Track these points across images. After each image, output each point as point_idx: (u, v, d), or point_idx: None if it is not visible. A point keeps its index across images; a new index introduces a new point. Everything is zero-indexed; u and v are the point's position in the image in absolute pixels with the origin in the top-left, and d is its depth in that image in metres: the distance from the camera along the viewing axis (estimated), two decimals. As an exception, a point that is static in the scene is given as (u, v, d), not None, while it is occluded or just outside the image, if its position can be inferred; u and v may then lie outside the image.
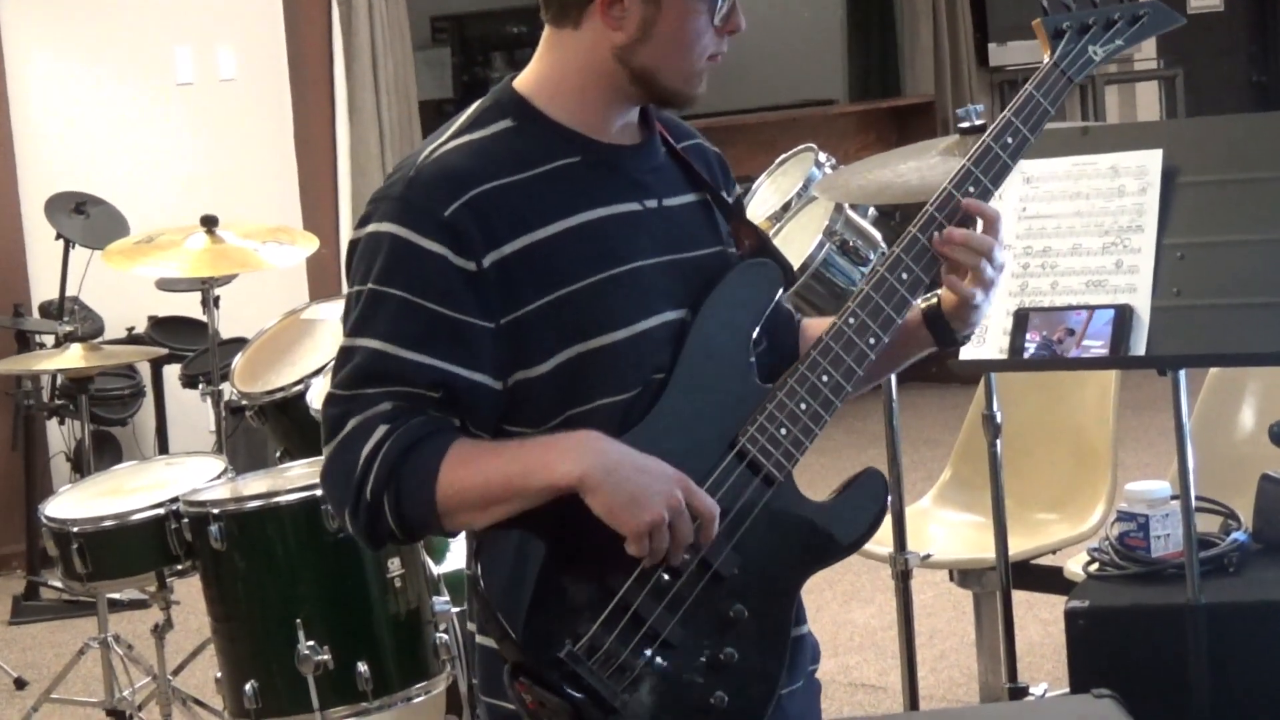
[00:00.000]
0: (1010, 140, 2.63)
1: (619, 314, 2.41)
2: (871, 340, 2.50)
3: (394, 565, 4.48)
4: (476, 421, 2.41)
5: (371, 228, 2.40)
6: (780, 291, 2.58)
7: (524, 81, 2.49)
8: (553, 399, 2.41)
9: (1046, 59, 2.72)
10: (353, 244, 2.44)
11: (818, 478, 2.73)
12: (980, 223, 2.57)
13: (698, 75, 2.47)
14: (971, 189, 2.58)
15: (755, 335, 2.54)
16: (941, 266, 2.56)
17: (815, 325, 2.74)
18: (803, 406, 2.46)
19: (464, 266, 2.35)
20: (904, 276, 2.54)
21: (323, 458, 2.41)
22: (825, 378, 2.47)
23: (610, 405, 2.41)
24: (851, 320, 2.50)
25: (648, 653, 2.36)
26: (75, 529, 5.01)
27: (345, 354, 2.40)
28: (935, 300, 2.62)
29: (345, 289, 2.47)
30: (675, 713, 2.37)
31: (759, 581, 2.43)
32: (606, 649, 2.34)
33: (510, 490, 2.34)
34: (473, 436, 2.41)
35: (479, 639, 2.52)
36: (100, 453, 7.58)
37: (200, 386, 6.64)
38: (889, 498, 2.56)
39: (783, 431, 2.45)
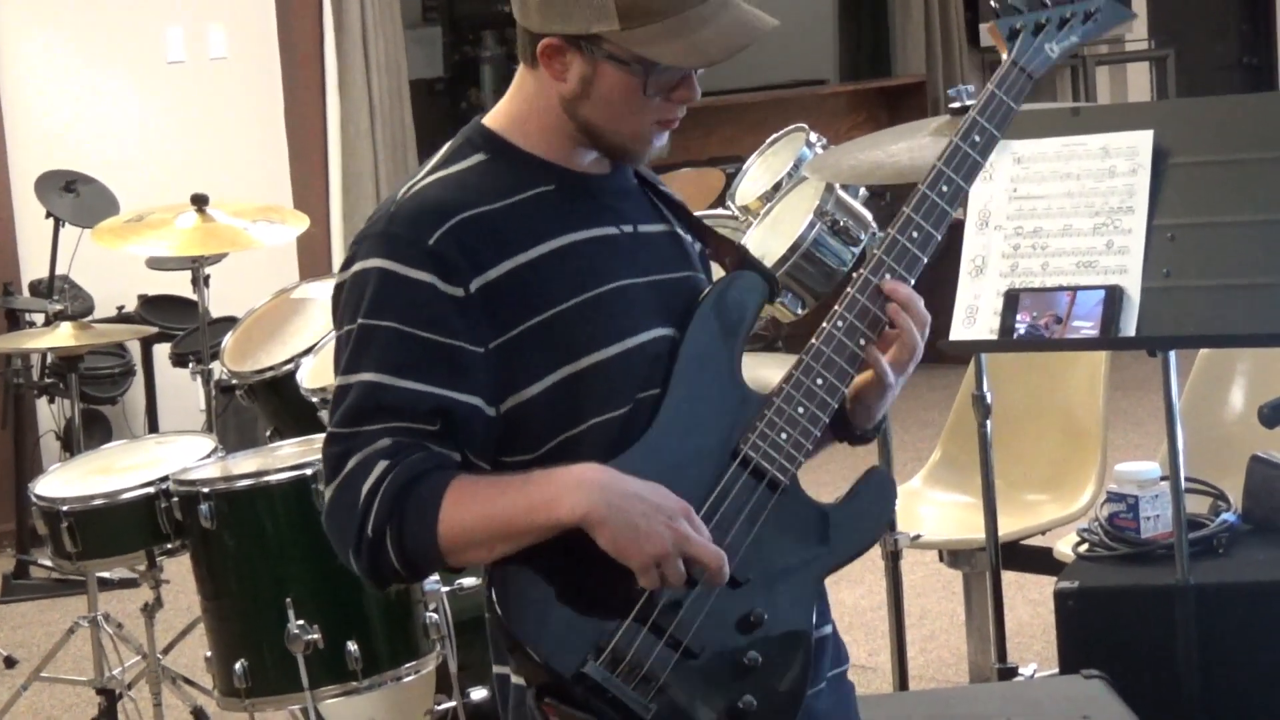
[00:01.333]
0: (978, 139, 2.64)
1: (606, 332, 2.40)
2: (861, 341, 2.50)
3: (384, 544, 4.47)
4: (475, 450, 2.40)
5: (357, 267, 2.38)
6: (765, 298, 2.58)
7: (494, 119, 2.49)
8: (545, 422, 2.40)
9: (1005, 58, 2.73)
10: (338, 287, 2.42)
11: (813, 464, 2.73)
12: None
13: (643, 138, 2.45)
14: (945, 188, 2.59)
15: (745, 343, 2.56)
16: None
17: None
18: (800, 410, 2.46)
19: (452, 293, 2.34)
20: (888, 279, 2.54)
21: (326, 497, 2.39)
22: (820, 381, 2.47)
23: (603, 424, 2.41)
24: (840, 324, 2.50)
25: (671, 661, 2.35)
26: (65, 508, 5.00)
27: (341, 392, 2.38)
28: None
29: (335, 307, 2.46)
30: (704, 718, 2.37)
31: (774, 585, 2.44)
32: (630, 660, 2.33)
33: (514, 528, 2.33)
34: (472, 469, 2.40)
35: (495, 669, 2.51)
36: (90, 431, 7.58)
37: (190, 365, 6.66)
38: (896, 497, 2.57)
39: (783, 436, 2.45)
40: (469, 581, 4.54)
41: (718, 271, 2.64)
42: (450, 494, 2.32)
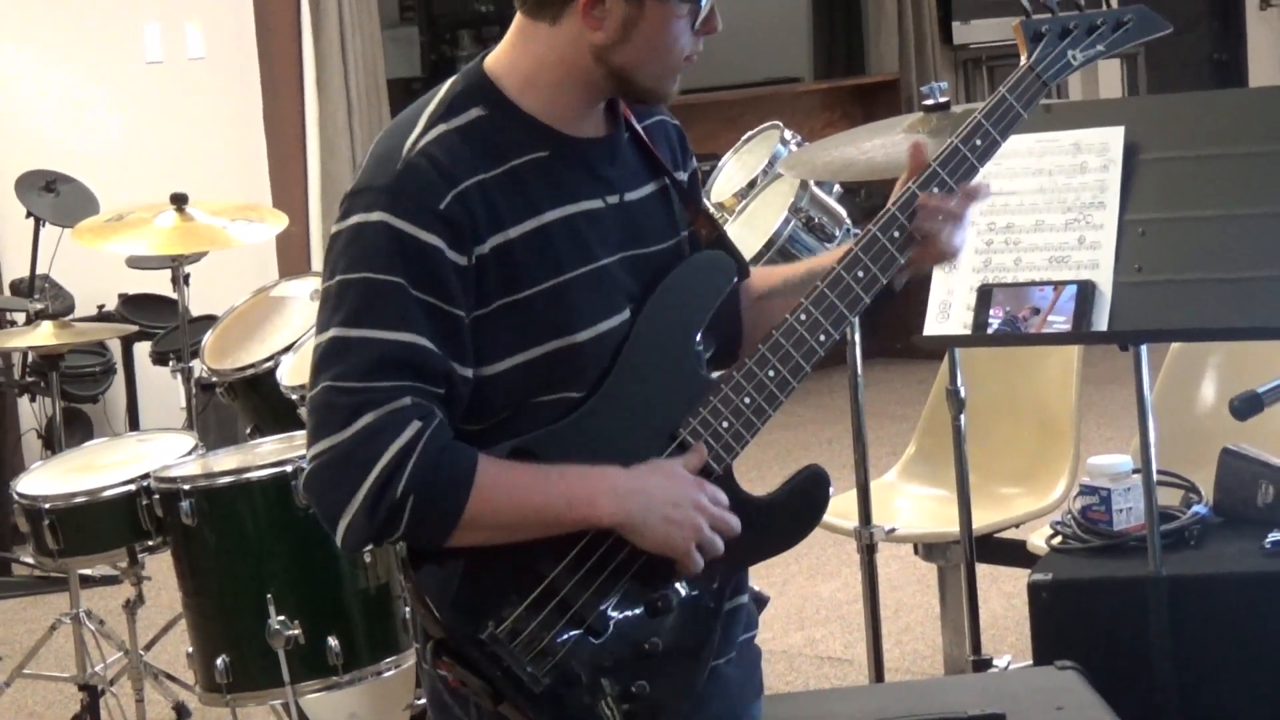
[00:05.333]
0: (979, 142, 2.60)
1: (575, 318, 2.39)
2: (822, 337, 2.49)
3: (364, 541, 4.47)
4: (458, 417, 2.38)
5: (358, 218, 2.34)
6: (733, 283, 2.56)
7: (495, 64, 2.46)
8: (503, 397, 2.38)
9: (1023, 61, 2.68)
10: (335, 235, 2.37)
11: (784, 452, 2.73)
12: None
13: (673, 75, 2.46)
14: (936, 189, 2.57)
15: (707, 326, 2.53)
16: (912, 249, 2.55)
17: (762, 276, 2.75)
18: (746, 400, 2.45)
19: (455, 260, 2.32)
20: (860, 275, 2.53)
21: (318, 448, 2.31)
22: (772, 373, 2.46)
23: (554, 401, 2.40)
24: (804, 317, 2.49)
25: (571, 638, 2.35)
26: (47, 505, 5.00)
27: (342, 344, 2.31)
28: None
29: (323, 277, 2.41)
30: (594, 698, 2.36)
31: (688, 573, 2.42)
32: (530, 633, 2.33)
33: (545, 520, 2.34)
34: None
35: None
36: (71, 429, 7.57)
37: (171, 363, 6.63)
38: (829, 499, 2.54)
39: (725, 425, 2.44)
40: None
41: None
42: (481, 475, 2.31)
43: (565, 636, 2.34)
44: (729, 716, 2.54)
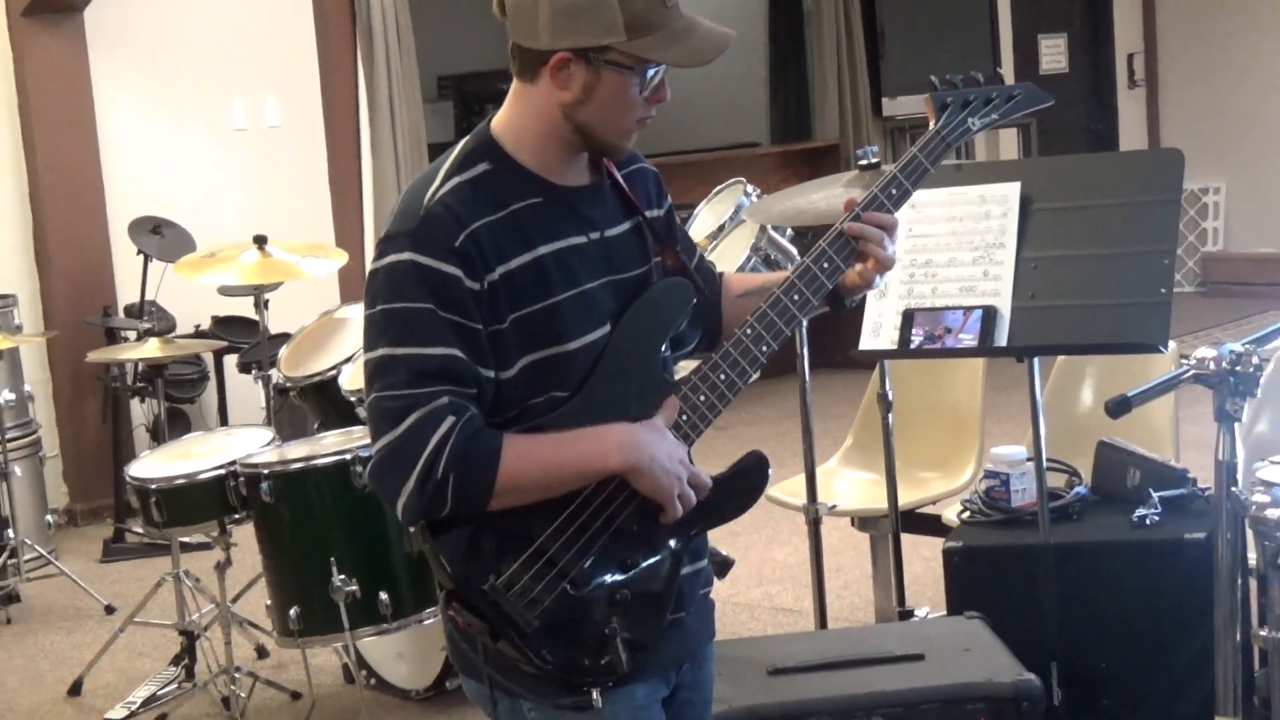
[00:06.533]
0: (894, 192, 2.58)
1: (567, 330, 2.37)
2: (764, 348, 2.47)
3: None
4: (486, 413, 2.38)
5: (391, 258, 2.32)
6: (692, 303, 2.56)
7: (497, 124, 2.45)
8: (512, 396, 2.37)
9: (932, 126, 2.67)
10: (373, 273, 2.36)
11: (746, 443, 2.72)
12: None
13: (628, 133, 2.43)
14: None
15: (672, 336, 2.53)
16: (851, 267, 2.54)
17: (740, 280, 2.74)
18: (701, 398, 2.44)
19: (472, 286, 2.30)
20: (795, 298, 2.50)
21: (378, 445, 2.30)
22: (722, 376, 2.45)
23: (549, 399, 2.39)
24: (749, 331, 2.48)
25: (557, 589, 2.33)
26: (153, 486, 4.99)
27: (389, 360, 2.30)
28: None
29: (365, 307, 2.39)
30: (574, 637, 2.35)
31: (653, 537, 2.41)
32: (522, 585, 2.31)
33: (569, 474, 2.32)
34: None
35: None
36: (173, 425, 7.56)
37: (253, 372, 6.63)
38: (769, 482, 2.53)
39: (684, 417, 2.43)
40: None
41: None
42: (508, 448, 2.29)
43: (552, 587, 2.33)
44: (687, 655, 2.54)
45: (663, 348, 2.49)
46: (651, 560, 2.41)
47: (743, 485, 2.50)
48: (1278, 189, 12.59)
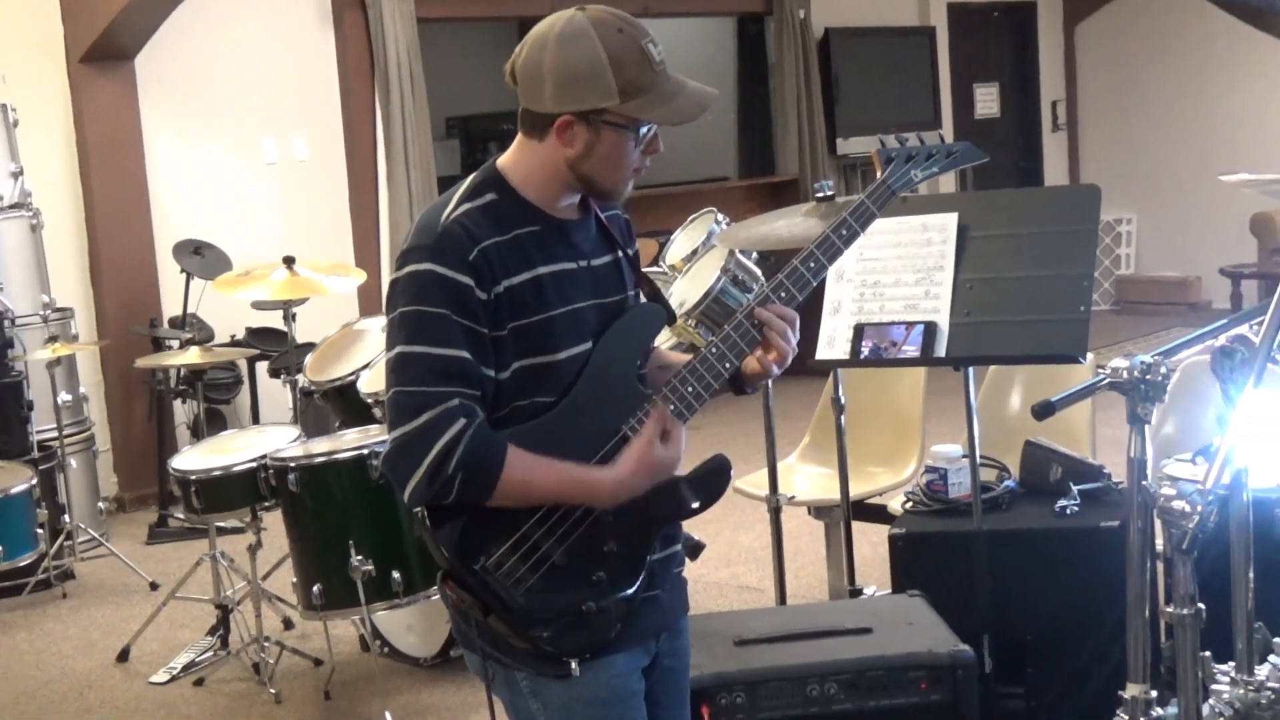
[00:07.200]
0: (844, 233, 2.57)
1: (556, 342, 2.38)
2: (727, 364, 2.47)
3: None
4: (487, 411, 2.38)
5: (411, 268, 2.32)
6: (663, 325, 2.56)
7: (505, 164, 2.45)
8: (505, 396, 2.37)
9: (879, 176, 2.67)
10: (394, 281, 2.36)
11: (716, 443, 2.72)
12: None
13: (625, 181, 2.43)
14: (812, 265, 2.54)
15: (644, 354, 2.53)
16: (756, 351, 2.52)
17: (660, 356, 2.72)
18: (671, 408, 2.44)
19: (481, 296, 2.31)
20: (749, 325, 2.50)
21: (393, 435, 2.29)
22: (690, 389, 2.44)
23: (535, 404, 2.39)
24: (714, 350, 2.47)
25: (541, 570, 2.34)
26: (193, 477, 4.98)
27: (405, 358, 2.30)
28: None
29: (386, 312, 2.40)
30: (556, 613, 2.35)
31: (627, 527, 2.40)
32: (509, 566, 2.31)
33: (568, 494, 2.35)
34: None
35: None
36: (211, 423, 7.54)
37: (282, 377, 6.61)
38: (731, 481, 2.53)
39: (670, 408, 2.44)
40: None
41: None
42: (509, 463, 2.29)
43: (536, 568, 2.33)
44: (664, 627, 2.54)
45: (637, 363, 2.50)
46: (625, 547, 2.41)
47: (709, 483, 2.50)
48: (1182, 220, 12.66)
